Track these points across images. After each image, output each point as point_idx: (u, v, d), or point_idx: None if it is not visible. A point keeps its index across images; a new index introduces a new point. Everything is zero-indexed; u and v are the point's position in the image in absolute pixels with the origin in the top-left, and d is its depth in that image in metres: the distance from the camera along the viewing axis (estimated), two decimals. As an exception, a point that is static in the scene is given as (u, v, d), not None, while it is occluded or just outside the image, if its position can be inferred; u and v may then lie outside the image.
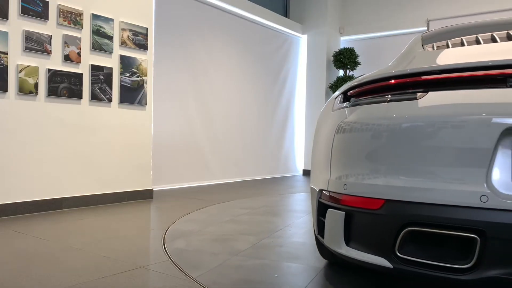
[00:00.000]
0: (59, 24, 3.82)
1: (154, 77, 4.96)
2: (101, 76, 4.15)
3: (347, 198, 1.55)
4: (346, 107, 1.68)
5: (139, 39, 4.50)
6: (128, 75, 4.39)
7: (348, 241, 1.57)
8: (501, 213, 1.22)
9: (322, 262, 2.36)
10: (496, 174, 1.25)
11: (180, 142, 5.84)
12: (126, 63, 4.38)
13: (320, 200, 1.77)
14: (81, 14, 3.97)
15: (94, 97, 4.09)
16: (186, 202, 4.46)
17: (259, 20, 7.25)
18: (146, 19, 4.59)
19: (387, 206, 1.41)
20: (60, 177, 3.86)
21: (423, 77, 1.43)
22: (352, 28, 8.34)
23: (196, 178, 6.09)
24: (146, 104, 4.58)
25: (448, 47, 1.65)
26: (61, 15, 3.83)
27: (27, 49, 3.59)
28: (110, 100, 4.23)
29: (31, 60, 3.64)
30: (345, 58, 7.71)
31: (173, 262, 2.29)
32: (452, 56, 1.54)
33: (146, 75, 4.57)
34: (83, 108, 4.03)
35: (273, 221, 3.53)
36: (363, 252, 1.51)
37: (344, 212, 1.56)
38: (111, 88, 4.24)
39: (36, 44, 3.65)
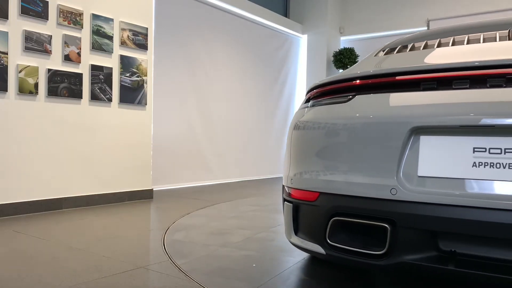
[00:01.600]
0: (59, 24, 3.82)
1: (154, 77, 4.96)
2: (101, 76, 4.15)
3: (294, 191, 1.73)
4: (306, 107, 1.84)
5: (139, 39, 4.50)
6: (128, 75, 4.39)
7: (296, 231, 1.75)
8: (408, 205, 1.36)
9: (305, 255, 2.42)
10: (405, 169, 1.40)
11: (180, 142, 5.83)
12: (126, 63, 4.38)
13: (283, 195, 1.92)
14: (81, 14, 3.97)
15: (94, 97, 4.09)
16: (186, 202, 4.45)
17: (259, 20, 7.25)
18: (146, 19, 4.59)
19: (321, 198, 1.58)
20: (60, 177, 3.86)
21: (345, 84, 1.62)
22: (352, 28, 8.34)
23: (196, 178, 6.09)
24: (146, 104, 4.58)
25: (393, 53, 1.80)
26: (61, 15, 3.83)
27: (27, 49, 3.59)
28: (110, 100, 4.23)
29: (31, 60, 3.64)
30: (345, 58, 7.71)
31: (173, 262, 2.29)
32: (385, 63, 1.70)
33: (146, 75, 4.57)
34: (83, 108, 4.03)
35: (275, 217, 3.56)
36: (305, 241, 1.68)
37: (291, 204, 1.75)
38: (111, 88, 4.24)
39: (36, 44, 3.65)
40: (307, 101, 1.88)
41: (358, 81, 1.59)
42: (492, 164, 1.28)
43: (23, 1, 3.56)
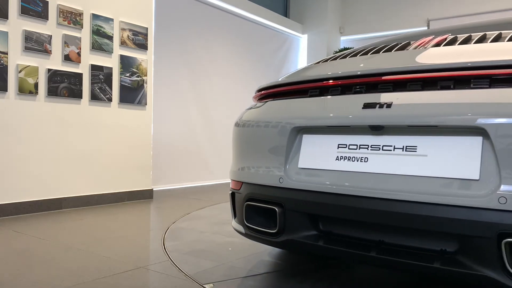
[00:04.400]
0: (59, 24, 3.82)
1: (154, 77, 4.96)
2: (101, 76, 4.15)
3: (231, 182, 2.01)
4: (251, 108, 2.06)
5: (139, 39, 4.49)
6: (128, 75, 4.39)
7: (234, 217, 2.01)
8: (289, 191, 1.64)
9: None
10: (290, 162, 1.69)
11: (180, 142, 5.83)
12: (126, 63, 4.37)
13: None
14: (81, 14, 3.97)
15: (94, 97, 4.09)
16: (186, 202, 4.45)
17: (259, 20, 7.25)
18: (146, 19, 4.59)
19: (242, 187, 1.88)
20: (60, 177, 3.85)
21: (267, 90, 1.91)
22: (352, 28, 8.34)
23: (196, 178, 6.09)
24: (146, 104, 4.58)
25: (326, 61, 1.99)
26: (61, 15, 3.83)
27: (27, 49, 3.59)
28: (110, 100, 4.23)
29: (31, 60, 3.63)
30: (345, 58, 7.71)
31: (173, 263, 2.29)
32: (297, 72, 1.97)
33: (146, 75, 4.57)
34: (83, 108, 4.02)
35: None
36: (237, 224, 1.95)
37: (230, 193, 2.03)
38: (111, 88, 4.24)
39: (36, 44, 3.65)
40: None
41: (270, 89, 1.90)
42: (349, 158, 1.54)
43: (23, 1, 3.56)
